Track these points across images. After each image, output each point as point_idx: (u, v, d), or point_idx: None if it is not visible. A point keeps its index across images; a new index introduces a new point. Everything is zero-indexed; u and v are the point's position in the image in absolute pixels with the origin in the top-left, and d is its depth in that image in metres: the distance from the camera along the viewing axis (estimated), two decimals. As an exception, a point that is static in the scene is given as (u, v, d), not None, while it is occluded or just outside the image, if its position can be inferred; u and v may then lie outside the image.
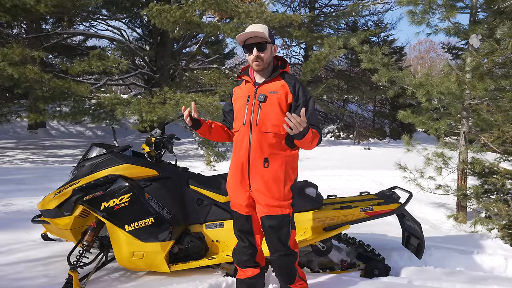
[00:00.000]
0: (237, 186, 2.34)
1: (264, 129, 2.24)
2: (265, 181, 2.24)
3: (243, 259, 2.43)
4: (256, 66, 2.26)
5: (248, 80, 2.35)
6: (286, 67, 2.36)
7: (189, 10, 9.22)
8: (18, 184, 6.25)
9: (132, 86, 17.45)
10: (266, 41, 2.22)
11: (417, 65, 34.53)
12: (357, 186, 6.26)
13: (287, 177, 2.28)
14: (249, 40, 2.22)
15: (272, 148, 2.25)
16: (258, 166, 2.25)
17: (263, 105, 2.24)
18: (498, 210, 4.11)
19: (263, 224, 2.31)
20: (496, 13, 4.77)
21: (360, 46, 5.51)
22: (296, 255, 2.37)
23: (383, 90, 14.61)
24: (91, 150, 2.96)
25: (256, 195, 2.28)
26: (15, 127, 14.02)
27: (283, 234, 2.28)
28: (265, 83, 2.29)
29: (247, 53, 2.27)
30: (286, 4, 17.47)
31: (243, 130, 2.29)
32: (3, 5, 8.45)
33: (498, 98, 4.79)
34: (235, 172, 2.34)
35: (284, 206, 2.27)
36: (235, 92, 2.44)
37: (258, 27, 2.25)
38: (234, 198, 2.38)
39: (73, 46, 14.19)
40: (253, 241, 2.41)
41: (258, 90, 2.28)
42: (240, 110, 2.34)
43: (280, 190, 2.26)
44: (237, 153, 2.33)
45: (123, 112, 9.19)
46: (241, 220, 2.38)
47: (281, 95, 2.24)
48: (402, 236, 3.19)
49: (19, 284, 2.67)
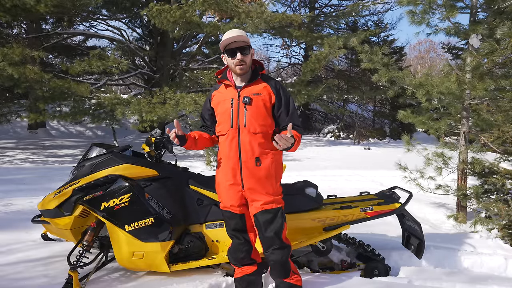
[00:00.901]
0: (229, 187, 2.41)
1: (253, 130, 2.33)
2: (258, 180, 2.35)
3: (240, 256, 2.49)
4: (240, 69, 2.33)
5: (228, 84, 2.42)
6: (263, 69, 2.47)
7: (189, 10, 9.21)
8: (18, 184, 6.25)
9: (132, 86, 17.45)
10: (248, 45, 2.32)
11: (417, 65, 34.53)
12: (357, 186, 6.26)
13: (277, 172, 2.43)
14: (231, 44, 2.30)
15: (262, 147, 2.36)
16: (250, 166, 2.34)
17: (249, 107, 2.33)
18: (498, 210, 4.11)
19: (257, 221, 2.38)
20: (496, 13, 4.77)
21: (360, 46, 5.51)
22: (289, 248, 2.46)
23: (383, 90, 14.60)
24: (91, 150, 2.96)
25: (250, 194, 2.37)
26: (15, 127, 14.02)
27: (278, 227, 2.37)
28: (247, 86, 2.38)
29: (230, 57, 2.33)
30: (286, 4, 17.48)
31: (231, 133, 2.36)
32: (3, 5, 8.44)
33: (498, 98, 4.79)
34: (225, 174, 2.41)
35: (277, 201, 2.40)
36: (215, 97, 2.49)
37: (239, 31, 2.32)
38: (226, 199, 2.44)
39: (73, 46, 14.19)
40: (248, 238, 2.49)
41: (242, 93, 2.36)
42: (224, 113, 2.40)
43: (273, 185, 2.39)
44: (226, 155, 2.40)
45: (123, 112, 9.18)
46: (235, 219, 2.45)
47: (265, 96, 2.36)
48: (402, 236, 3.19)
49: (19, 284, 2.67)
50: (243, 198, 2.42)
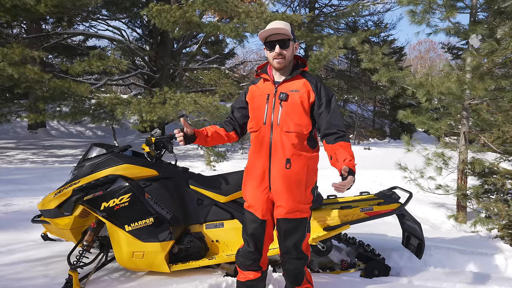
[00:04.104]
0: (256, 188, 2.25)
1: (286, 128, 2.17)
2: (286, 183, 2.17)
3: (247, 263, 2.34)
4: (278, 64, 2.19)
5: (266, 79, 2.28)
6: (306, 66, 2.30)
7: (189, 10, 9.21)
8: (18, 184, 6.25)
9: (132, 86, 17.45)
10: (288, 38, 2.16)
11: (417, 65, 34.53)
12: (357, 186, 6.23)
13: (309, 179, 2.24)
14: (271, 37, 2.15)
15: (295, 148, 2.17)
16: (280, 168, 2.17)
17: (285, 104, 2.17)
18: (498, 210, 4.11)
19: (279, 226, 2.24)
20: (496, 13, 4.77)
21: (360, 46, 5.52)
22: (307, 259, 2.32)
23: (383, 90, 14.61)
24: (91, 150, 2.96)
25: (276, 196, 2.20)
26: (15, 127, 14.02)
27: (298, 237, 2.23)
28: (286, 81, 2.22)
29: (269, 50, 2.19)
30: (286, 4, 17.47)
31: (264, 130, 2.21)
32: (3, 5, 8.45)
33: (498, 98, 4.79)
34: (253, 173, 2.26)
35: (304, 209, 2.22)
36: (251, 90, 2.35)
37: (281, 23, 2.17)
38: (252, 200, 2.28)
39: (73, 46, 14.19)
40: (261, 247, 2.31)
41: (279, 89, 2.21)
42: (258, 109, 2.26)
43: (302, 192, 2.20)
44: (256, 153, 2.25)
45: (123, 112, 9.19)
46: (255, 224, 2.27)
47: (303, 94, 2.18)
48: (402, 236, 3.18)
49: (19, 284, 2.66)
50: (269, 202, 2.24)
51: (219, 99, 9.98)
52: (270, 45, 2.17)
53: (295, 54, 2.28)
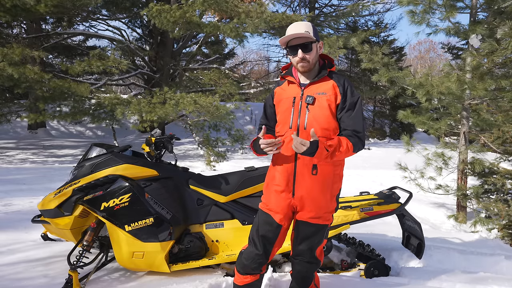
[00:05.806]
0: (278, 193, 2.15)
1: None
2: (311, 190, 2.08)
3: (252, 266, 2.19)
4: (302, 68, 2.09)
5: (292, 81, 2.17)
6: (333, 66, 2.19)
7: (189, 10, 9.22)
8: (18, 184, 6.25)
9: (132, 86, 17.44)
10: (311, 41, 2.05)
11: (417, 65, 34.54)
12: (357, 186, 6.27)
13: (335, 186, 2.15)
14: (293, 41, 2.06)
15: None
16: (305, 173, 2.08)
17: (311, 108, 2.07)
18: (498, 210, 4.11)
19: (297, 228, 2.17)
20: (496, 13, 4.78)
21: (360, 46, 5.52)
22: (319, 264, 2.25)
23: (383, 90, 14.61)
24: (91, 150, 2.96)
25: (300, 202, 2.11)
26: (15, 127, 14.01)
27: (314, 242, 2.17)
28: (312, 83, 2.12)
29: (291, 55, 2.09)
30: (286, 4, 17.47)
31: (290, 135, 2.08)
32: (3, 5, 8.45)
33: (498, 98, 4.79)
34: (277, 178, 2.16)
35: (326, 217, 2.15)
36: (277, 93, 2.24)
37: (302, 26, 2.06)
38: (271, 203, 2.17)
39: (73, 46, 14.19)
40: (270, 251, 2.20)
41: (305, 92, 2.10)
42: (284, 112, 2.16)
43: (327, 199, 2.12)
44: (282, 158, 2.14)
45: (123, 112, 9.19)
46: (270, 227, 2.15)
47: (331, 96, 2.07)
48: (402, 236, 3.19)
49: (19, 284, 2.67)
50: (290, 208, 2.14)
51: (219, 99, 9.99)
52: (292, 50, 2.08)
53: (320, 53, 2.16)
